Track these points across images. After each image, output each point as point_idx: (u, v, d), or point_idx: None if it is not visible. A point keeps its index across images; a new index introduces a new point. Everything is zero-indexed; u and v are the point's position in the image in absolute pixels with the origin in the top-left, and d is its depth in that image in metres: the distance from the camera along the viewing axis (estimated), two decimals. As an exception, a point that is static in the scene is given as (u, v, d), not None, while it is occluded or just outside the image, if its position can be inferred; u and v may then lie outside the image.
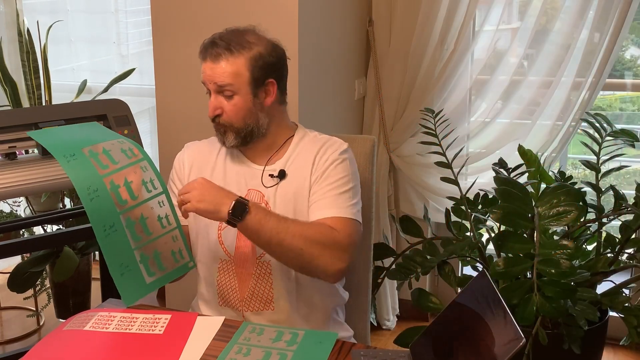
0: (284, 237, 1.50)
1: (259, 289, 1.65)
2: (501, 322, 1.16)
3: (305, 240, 1.51)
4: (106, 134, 1.66)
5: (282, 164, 1.67)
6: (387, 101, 2.78)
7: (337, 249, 1.54)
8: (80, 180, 1.48)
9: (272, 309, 1.65)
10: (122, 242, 1.53)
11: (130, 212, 1.55)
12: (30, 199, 2.93)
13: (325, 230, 1.55)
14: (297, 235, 1.51)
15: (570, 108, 2.57)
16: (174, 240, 1.65)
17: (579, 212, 2.01)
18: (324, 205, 1.61)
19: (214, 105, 1.62)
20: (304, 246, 1.51)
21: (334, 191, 1.61)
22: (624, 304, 2.12)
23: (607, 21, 2.45)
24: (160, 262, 1.61)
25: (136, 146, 1.62)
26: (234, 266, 1.66)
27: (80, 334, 1.45)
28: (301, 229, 1.53)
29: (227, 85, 1.59)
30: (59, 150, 1.51)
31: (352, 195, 1.63)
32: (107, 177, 1.52)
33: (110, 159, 1.55)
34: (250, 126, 1.63)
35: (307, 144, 1.69)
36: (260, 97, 1.62)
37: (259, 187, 1.66)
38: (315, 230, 1.55)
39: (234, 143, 1.64)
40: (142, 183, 1.58)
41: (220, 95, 1.61)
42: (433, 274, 2.89)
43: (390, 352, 1.38)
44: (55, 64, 3.26)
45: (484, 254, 2.27)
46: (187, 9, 2.37)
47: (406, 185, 2.86)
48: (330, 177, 1.63)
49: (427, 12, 2.60)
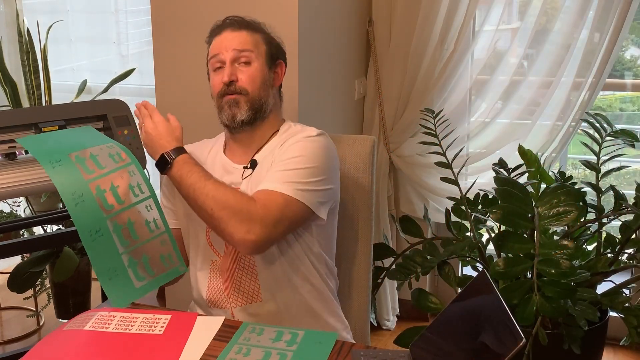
0: (199, 194, 1.53)
1: (244, 281, 1.65)
2: (501, 322, 1.16)
3: (216, 202, 1.51)
4: (97, 138, 1.66)
5: (258, 156, 1.68)
6: (387, 101, 2.78)
7: (247, 219, 1.49)
8: (65, 185, 1.48)
9: (260, 300, 1.65)
10: (109, 247, 1.53)
11: (117, 217, 1.55)
12: (30, 199, 2.93)
13: (241, 198, 1.52)
14: (210, 195, 1.52)
15: (570, 108, 2.57)
16: (163, 244, 1.65)
17: (579, 212, 2.01)
18: (265, 179, 1.58)
19: (229, 71, 1.63)
20: (214, 207, 1.51)
21: (279, 167, 1.58)
22: (624, 304, 2.12)
23: (607, 21, 2.45)
24: (149, 266, 1.60)
25: (125, 150, 1.62)
26: (219, 265, 1.67)
27: (80, 333, 1.45)
28: (217, 191, 1.52)
29: (247, 51, 1.63)
30: (45, 156, 1.51)
31: (302, 174, 1.56)
32: (93, 182, 1.52)
33: (97, 164, 1.55)
34: (262, 100, 1.65)
35: (283, 134, 1.69)
36: (272, 74, 1.68)
37: (237, 181, 1.67)
38: (230, 195, 1.52)
39: (245, 116, 1.64)
40: (129, 187, 1.58)
41: (235, 64, 1.64)
42: (433, 274, 2.90)
43: (390, 352, 1.38)
44: (55, 64, 3.26)
45: (484, 254, 2.27)
46: (187, 9, 2.37)
47: (406, 185, 2.87)
48: (282, 155, 1.60)
49: (427, 12, 2.60)
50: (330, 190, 1.63)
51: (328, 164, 1.62)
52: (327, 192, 1.62)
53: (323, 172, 1.60)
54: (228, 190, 1.54)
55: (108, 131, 1.92)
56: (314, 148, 1.60)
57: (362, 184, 1.82)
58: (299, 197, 1.55)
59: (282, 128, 1.71)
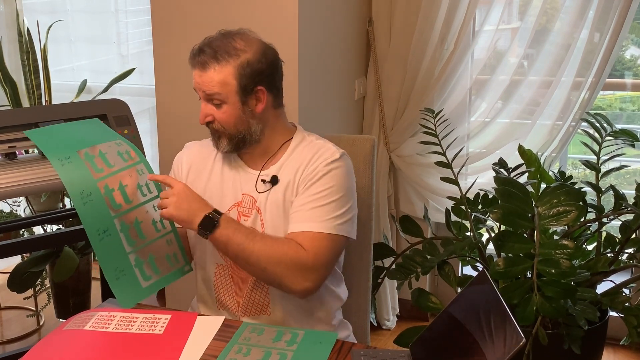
0: (249, 254, 1.52)
1: (255, 295, 1.65)
2: (501, 322, 1.16)
3: (269, 259, 1.52)
4: (106, 133, 1.66)
5: (276, 169, 1.65)
6: (387, 101, 2.78)
7: (302, 269, 1.53)
8: (74, 184, 1.47)
9: (268, 314, 1.65)
10: (117, 247, 1.53)
11: (125, 216, 1.55)
12: (30, 199, 2.93)
13: (291, 249, 1.53)
14: (261, 254, 1.52)
15: (570, 108, 2.57)
16: (169, 244, 1.64)
17: (579, 212, 2.01)
18: (300, 217, 1.58)
19: (204, 112, 1.62)
20: (267, 265, 1.52)
21: (313, 203, 1.58)
22: (624, 304, 2.12)
23: (607, 21, 2.45)
24: (156, 266, 1.60)
25: (133, 149, 1.61)
26: (230, 271, 1.66)
27: (80, 333, 1.45)
28: (266, 247, 1.53)
29: (215, 94, 1.58)
30: (54, 152, 1.50)
31: (335, 207, 1.58)
32: (102, 181, 1.51)
33: (105, 162, 1.54)
34: (242, 133, 1.62)
35: (302, 149, 1.65)
36: (251, 104, 1.60)
37: (252, 193, 1.65)
38: (280, 249, 1.53)
39: (228, 149, 1.64)
40: (137, 187, 1.57)
41: (210, 103, 1.61)
42: (433, 274, 2.89)
43: (390, 352, 1.38)
44: (55, 64, 3.26)
45: (484, 254, 2.27)
46: (187, 9, 2.37)
47: (406, 185, 2.86)
48: (312, 188, 1.59)
49: (427, 12, 2.60)
50: (356, 210, 1.66)
51: (352, 186, 1.65)
52: (355, 214, 1.65)
53: (351, 196, 1.63)
54: (277, 244, 1.55)
55: (108, 131, 1.92)
56: (340, 175, 1.61)
57: (362, 184, 1.82)
58: (340, 232, 1.58)
59: (295, 137, 1.68)
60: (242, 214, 1.64)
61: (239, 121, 1.60)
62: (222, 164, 1.70)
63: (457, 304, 1.30)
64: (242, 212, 1.64)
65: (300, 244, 1.54)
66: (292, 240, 1.56)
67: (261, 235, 1.57)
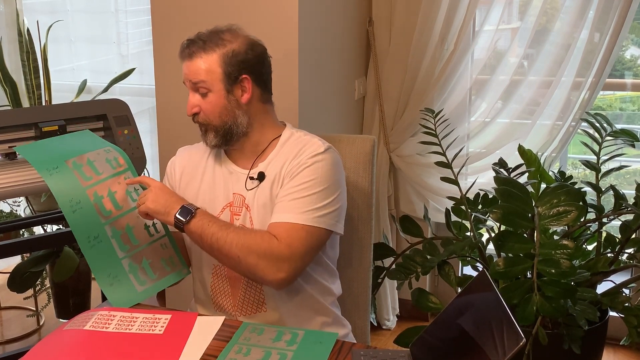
0: (223, 244, 1.52)
1: (249, 293, 1.65)
2: (501, 322, 1.16)
3: (241, 249, 1.52)
4: (95, 141, 1.66)
5: (265, 165, 1.65)
6: (387, 101, 2.78)
7: (275, 259, 1.52)
8: (62, 192, 1.48)
9: (265, 311, 1.65)
10: (108, 253, 1.53)
11: (115, 222, 1.55)
12: (30, 199, 2.93)
13: (263, 239, 1.53)
14: (234, 243, 1.52)
15: (570, 108, 2.57)
16: (164, 247, 1.65)
17: (579, 212, 2.01)
18: (280, 208, 1.58)
19: (191, 103, 1.63)
20: (240, 254, 1.52)
21: (294, 195, 1.57)
22: (624, 304, 2.12)
23: (607, 21, 2.45)
24: (151, 270, 1.61)
25: (122, 155, 1.62)
26: (226, 271, 1.67)
27: (80, 333, 1.45)
28: (239, 237, 1.53)
29: (201, 82, 1.60)
30: (42, 164, 1.51)
31: (317, 199, 1.57)
32: (90, 188, 1.52)
33: (94, 170, 1.55)
34: (227, 124, 1.62)
35: (290, 145, 1.66)
36: (236, 94, 1.61)
37: (242, 191, 1.66)
38: (253, 239, 1.53)
39: (215, 142, 1.64)
40: (126, 193, 1.58)
41: (197, 94, 1.62)
42: (433, 274, 2.90)
43: (390, 352, 1.38)
44: (55, 64, 3.26)
45: (484, 254, 2.27)
46: (187, 9, 2.37)
47: (406, 185, 2.86)
48: (295, 179, 1.59)
49: (427, 12, 2.60)
50: (343, 204, 1.65)
51: (338, 179, 1.63)
52: (341, 208, 1.63)
53: (335, 189, 1.61)
54: (250, 234, 1.55)
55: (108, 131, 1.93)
56: (324, 167, 1.60)
57: (362, 184, 1.82)
58: (319, 224, 1.57)
59: (284, 134, 1.68)
60: (234, 213, 1.65)
61: (224, 111, 1.61)
62: (214, 166, 1.71)
63: (457, 304, 1.30)
64: (233, 212, 1.65)
65: (275, 235, 1.54)
66: (267, 231, 1.56)
67: (235, 227, 1.57)
